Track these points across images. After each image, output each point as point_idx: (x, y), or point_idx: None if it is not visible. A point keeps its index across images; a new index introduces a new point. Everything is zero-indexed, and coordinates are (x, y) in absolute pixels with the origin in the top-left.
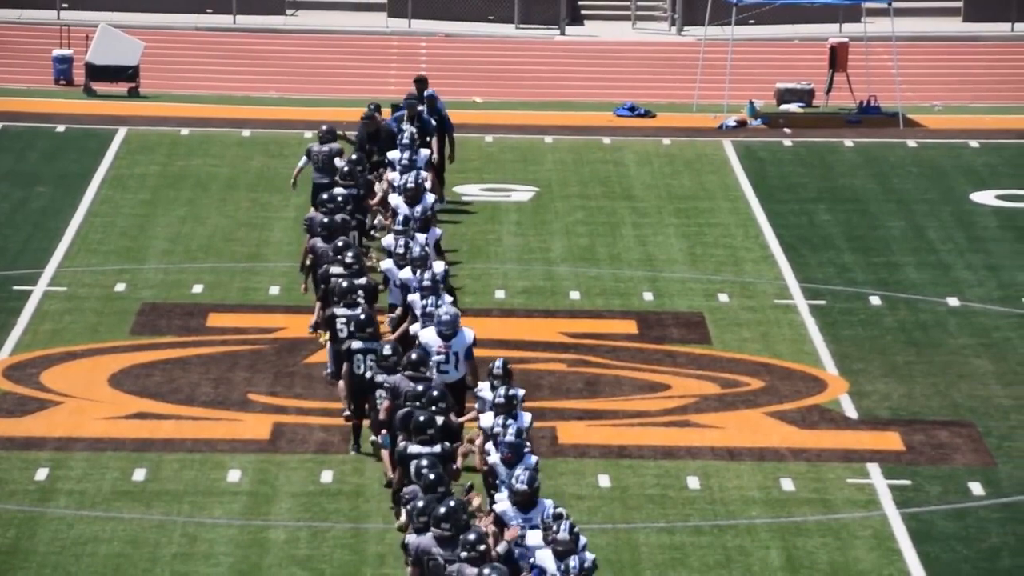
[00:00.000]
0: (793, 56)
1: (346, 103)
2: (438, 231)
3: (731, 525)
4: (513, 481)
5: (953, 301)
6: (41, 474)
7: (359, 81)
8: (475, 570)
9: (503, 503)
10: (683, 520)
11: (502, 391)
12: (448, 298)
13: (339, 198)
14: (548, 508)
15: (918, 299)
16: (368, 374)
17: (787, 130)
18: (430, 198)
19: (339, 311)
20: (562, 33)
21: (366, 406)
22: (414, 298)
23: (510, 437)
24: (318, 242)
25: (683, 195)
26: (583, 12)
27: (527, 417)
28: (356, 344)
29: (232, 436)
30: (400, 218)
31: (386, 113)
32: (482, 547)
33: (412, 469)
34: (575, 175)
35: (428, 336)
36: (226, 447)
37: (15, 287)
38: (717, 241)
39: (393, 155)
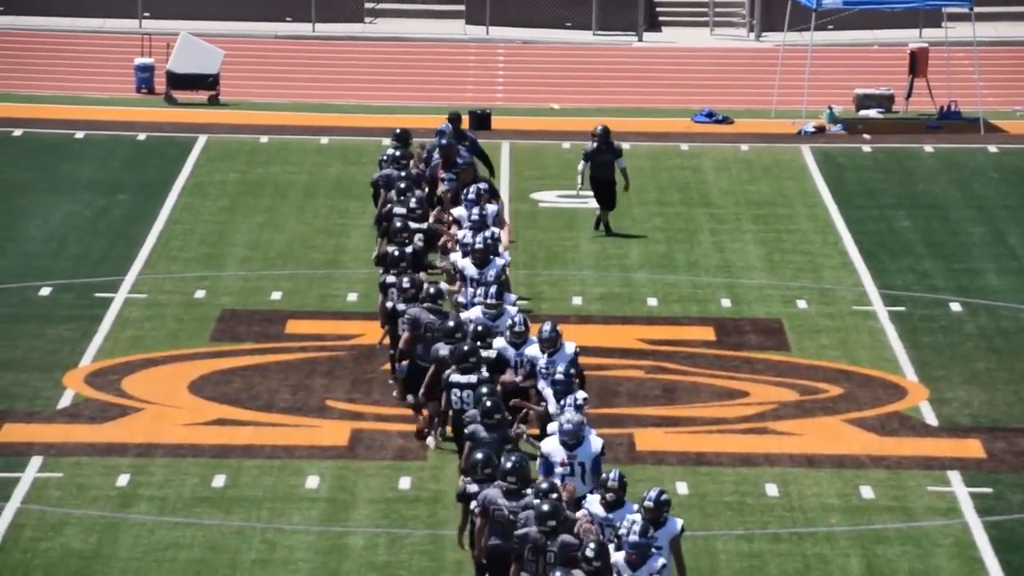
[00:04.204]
0: (872, 61)
1: (424, 110)
2: (499, 261)
3: (810, 533)
4: None
5: None
6: (122, 480)
7: (437, 88)
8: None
9: None
10: (762, 528)
11: (653, 494)
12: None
13: (405, 156)
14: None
15: (999, 306)
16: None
17: (866, 136)
18: (500, 261)
19: (391, 248)
20: (640, 39)
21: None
22: (548, 393)
23: (634, 537)
24: (394, 195)
25: (761, 201)
26: (661, 18)
27: (679, 523)
28: (389, 278)
29: (311, 443)
30: (488, 298)
31: (464, 121)
32: (554, 495)
33: (454, 396)
34: (653, 181)
35: (551, 447)
36: (305, 453)
37: (97, 294)
38: (795, 247)
39: (458, 212)
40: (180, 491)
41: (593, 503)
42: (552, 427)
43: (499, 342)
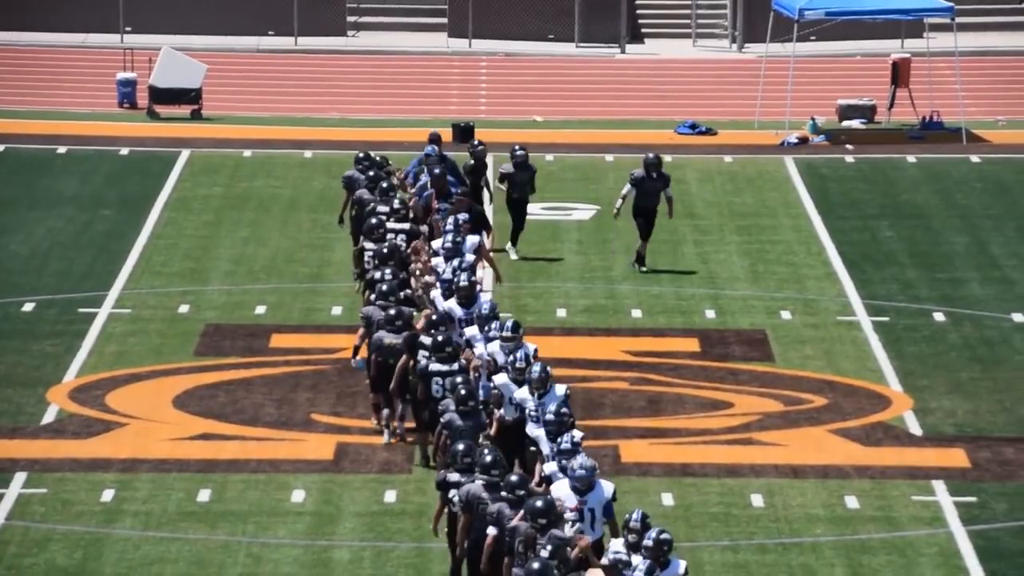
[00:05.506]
0: (855, 72)
1: (407, 123)
2: (485, 296)
3: (795, 543)
4: None
5: (1018, 317)
6: (107, 495)
7: (420, 101)
8: (513, 511)
9: None
10: (747, 538)
11: (653, 533)
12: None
13: (372, 156)
14: None
15: (983, 315)
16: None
17: (849, 146)
18: (485, 298)
19: (368, 245)
20: (622, 51)
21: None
22: (539, 434)
23: None
24: (364, 193)
25: (745, 212)
26: (644, 30)
27: (682, 565)
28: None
29: (296, 456)
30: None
31: (447, 135)
32: (521, 492)
33: (435, 385)
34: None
35: (561, 492)
36: (290, 467)
37: (80, 309)
38: (779, 258)
39: (438, 244)
40: (165, 506)
41: (617, 544)
42: (549, 468)
43: (500, 378)
